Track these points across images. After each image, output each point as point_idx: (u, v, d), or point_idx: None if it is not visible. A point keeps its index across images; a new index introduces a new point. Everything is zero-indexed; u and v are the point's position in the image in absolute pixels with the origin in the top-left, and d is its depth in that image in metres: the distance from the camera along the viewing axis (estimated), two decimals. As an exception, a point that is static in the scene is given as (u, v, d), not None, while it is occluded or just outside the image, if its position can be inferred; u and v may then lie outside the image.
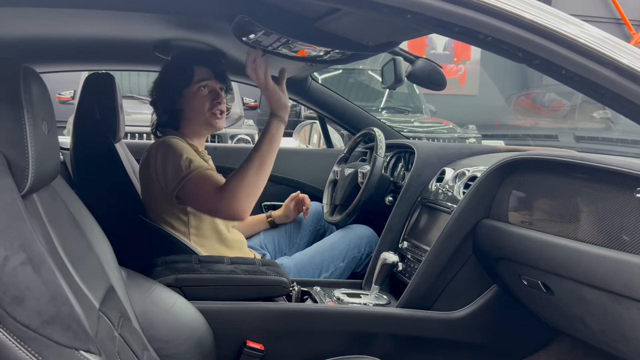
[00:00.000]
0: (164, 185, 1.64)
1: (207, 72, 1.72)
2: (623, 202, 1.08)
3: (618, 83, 0.81)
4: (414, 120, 7.01)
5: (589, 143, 6.78)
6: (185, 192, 1.60)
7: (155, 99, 1.78)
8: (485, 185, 1.45)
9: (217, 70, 1.73)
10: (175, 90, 1.72)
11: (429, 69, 1.70)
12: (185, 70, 1.71)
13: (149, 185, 1.71)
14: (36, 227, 0.82)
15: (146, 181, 1.72)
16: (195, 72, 1.71)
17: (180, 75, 1.71)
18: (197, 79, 1.71)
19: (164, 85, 1.75)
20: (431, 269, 1.55)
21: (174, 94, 1.72)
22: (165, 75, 1.75)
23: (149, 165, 1.67)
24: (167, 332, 1.22)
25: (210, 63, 1.74)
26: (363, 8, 0.80)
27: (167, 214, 1.70)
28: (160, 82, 1.76)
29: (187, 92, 1.71)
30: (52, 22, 1.40)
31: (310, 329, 1.53)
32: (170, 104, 1.74)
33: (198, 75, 1.71)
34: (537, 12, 0.81)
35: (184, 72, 1.71)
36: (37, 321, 0.75)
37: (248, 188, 1.53)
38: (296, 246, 2.14)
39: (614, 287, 1.07)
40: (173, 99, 1.73)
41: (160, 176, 1.64)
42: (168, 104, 1.74)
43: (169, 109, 1.75)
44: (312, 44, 1.30)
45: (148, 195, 1.74)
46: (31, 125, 0.83)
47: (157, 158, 1.65)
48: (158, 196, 1.69)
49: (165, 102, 1.75)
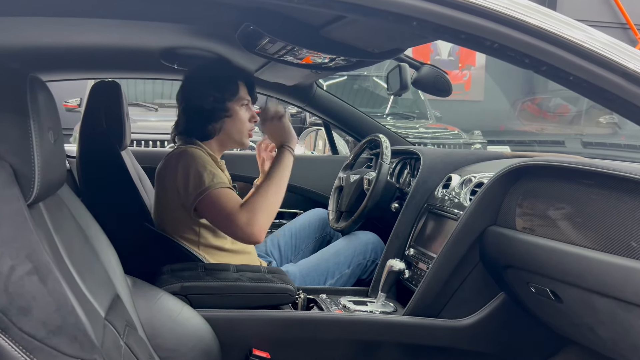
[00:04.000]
0: (183, 195, 1.62)
1: (247, 91, 1.76)
2: (633, 208, 1.06)
3: (626, 89, 0.80)
4: (419, 126, 6.99)
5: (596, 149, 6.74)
6: (204, 205, 1.59)
7: (189, 106, 1.73)
8: (492, 191, 1.44)
9: (253, 91, 1.79)
10: (219, 101, 1.69)
11: (435, 75, 1.70)
12: (231, 83, 1.72)
13: (165, 193, 1.69)
14: (42, 237, 0.82)
15: (162, 189, 1.70)
16: (240, 87, 1.73)
17: (226, 88, 1.70)
18: (241, 95, 1.73)
19: (206, 94, 1.69)
20: (438, 277, 1.54)
21: (216, 104, 1.69)
22: (208, 85, 1.70)
23: (168, 173, 1.66)
24: (173, 341, 1.21)
25: (251, 83, 1.78)
26: (369, 15, 0.80)
27: (179, 223, 1.69)
28: (200, 90, 1.70)
29: (231, 105, 1.71)
30: (58, 31, 1.41)
31: (317, 337, 1.52)
32: (208, 115, 1.70)
33: (242, 91, 1.74)
34: (542, 17, 0.81)
35: (230, 85, 1.71)
36: (43, 331, 0.75)
37: (266, 213, 1.56)
38: (302, 253, 2.14)
39: (624, 295, 1.05)
40: (214, 110, 1.70)
41: (180, 185, 1.62)
42: (206, 114, 1.70)
43: (205, 119, 1.70)
44: (318, 51, 1.30)
45: (162, 203, 1.72)
46: (37, 134, 0.83)
47: (177, 167, 1.63)
48: (173, 205, 1.67)
49: (202, 112, 1.70)
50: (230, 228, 1.58)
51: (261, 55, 1.42)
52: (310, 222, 2.17)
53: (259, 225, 1.54)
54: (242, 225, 1.54)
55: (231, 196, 1.60)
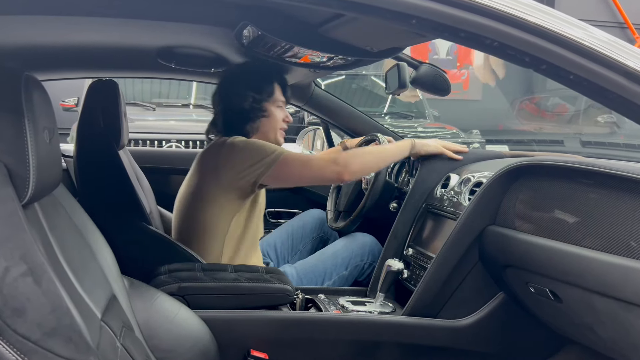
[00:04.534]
0: (245, 172, 1.64)
1: (281, 92, 1.83)
2: (632, 208, 1.06)
3: (627, 88, 0.80)
4: (417, 125, 6.99)
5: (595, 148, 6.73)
6: (282, 166, 1.63)
7: (228, 107, 1.79)
8: (491, 191, 1.43)
9: (287, 92, 1.86)
10: (257, 101, 1.77)
11: (433, 74, 1.69)
12: (268, 84, 1.79)
13: (209, 180, 1.70)
14: (37, 237, 0.81)
15: (206, 177, 1.72)
16: (275, 89, 1.81)
17: (264, 89, 1.78)
18: (276, 95, 1.81)
19: (245, 95, 1.76)
20: (437, 277, 1.53)
21: (254, 105, 1.77)
22: (247, 86, 1.77)
23: (219, 159, 1.68)
24: (170, 342, 1.20)
25: (285, 85, 1.84)
26: (367, 14, 0.79)
27: (221, 209, 1.70)
28: (239, 91, 1.77)
29: (267, 106, 1.79)
30: (54, 29, 1.40)
31: (315, 337, 1.51)
32: (247, 114, 1.77)
33: (277, 92, 1.82)
34: (543, 15, 0.80)
35: (267, 86, 1.78)
36: (38, 333, 0.74)
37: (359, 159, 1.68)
38: (299, 253, 2.13)
39: (624, 295, 1.05)
40: (252, 110, 1.77)
41: (237, 167, 1.64)
42: (244, 114, 1.77)
43: (243, 118, 1.77)
44: (316, 50, 1.29)
45: (201, 192, 1.72)
46: (32, 134, 0.82)
47: (233, 150, 1.66)
48: (219, 189, 1.68)
49: (241, 112, 1.77)
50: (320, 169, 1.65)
51: (259, 54, 1.41)
52: (308, 222, 2.16)
53: (351, 166, 1.64)
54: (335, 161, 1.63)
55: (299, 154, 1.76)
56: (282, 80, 1.84)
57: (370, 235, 2.01)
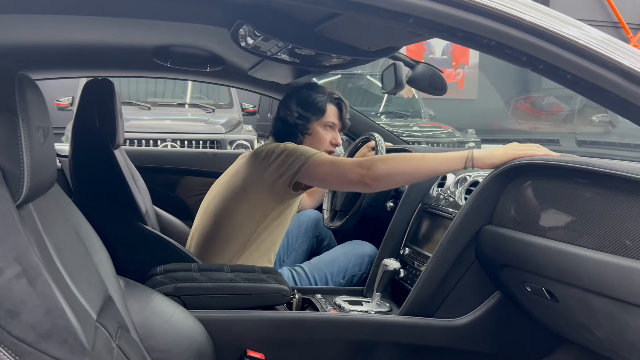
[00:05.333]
0: (281, 172, 1.66)
1: (336, 115, 1.89)
2: (628, 207, 1.06)
3: (623, 87, 0.80)
4: (413, 124, 7.00)
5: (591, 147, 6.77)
6: (315, 167, 1.63)
7: (278, 116, 1.88)
8: (487, 190, 1.43)
9: (344, 116, 1.91)
10: (302, 119, 1.84)
11: (430, 73, 1.69)
12: (319, 104, 1.86)
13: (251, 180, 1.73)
14: (31, 238, 0.80)
15: (248, 176, 1.75)
16: (328, 110, 1.86)
17: (313, 108, 1.85)
18: (328, 117, 1.87)
19: (292, 110, 1.84)
20: (433, 276, 1.53)
21: (299, 121, 1.84)
22: (298, 100, 1.85)
23: (262, 158, 1.72)
24: (166, 343, 1.20)
25: (342, 108, 1.90)
26: (364, 13, 0.79)
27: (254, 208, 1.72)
28: (289, 105, 1.86)
29: (314, 125, 1.85)
30: (48, 28, 1.39)
31: (312, 337, 1.51)
32: (292, 128, 1.84)
33: (330, 114, 1.87)
34: (540, 15, 0.80)
35: (317, 105, 1.85)
36: (33, 335, 0.73)
37: (386, 165, 1.53)
38: (294, 253, 2.12)
39: (620, 295, 1.05)
40: (296, 126, 1.84)
41: (278, 166, 1.67)
42: (289, 128, 1.85)
43: (288, 131, 1.85)
44: (312, 49, 1.29)
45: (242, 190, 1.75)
46: (26, 133, 0.81)
47: (276, 152, 1.70)
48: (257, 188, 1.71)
49: (287, 124, 1.85)
50: (344, 171, 1.57)
51: (255, 54, 1.41)
52: (303, 222, 2.16)
53: (377, 170, 1.51)
54: (360, 164, 1.54)
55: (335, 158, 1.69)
56: (339, 103, 1.89)
57: (370, 245, 2.00)
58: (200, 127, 4.84)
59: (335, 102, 1.89)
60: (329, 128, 1.88)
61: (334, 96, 1.89)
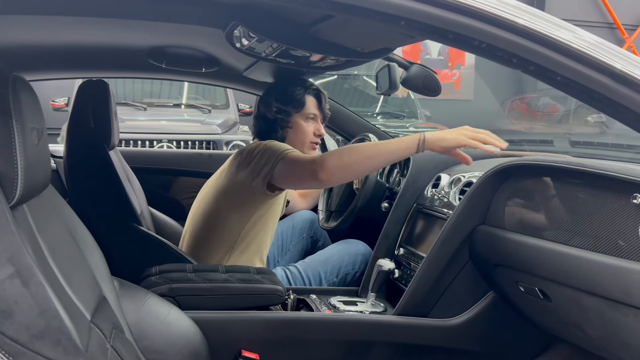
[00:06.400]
0: (260, 169, 1.63)
1: (316, 106, 1.86)
2: (620, 207, 1.07)
3: (613, 89, 0.80)
4: (409, 125, 7.01)
5: (584, 148, 6.79)
6: (281, 168, 1.59)
7: (258, 114, 1.86)
8: (481, 191, 1.44)
9: (323, 107, 1.88)
10: (282, 112, 1.81)
11: (424, 74, 1.69)
12: (298, 96, 1.82)
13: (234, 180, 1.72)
14: (25, 239, 0.81)
15: (231, 176, 1.73)
16: (307, 101, 1.83)
17: (292, 101, 1.82)
18: (308, 109, 1.83)
19: (271, 105, 1.82)
20: (427, 276, 1.54)
21: (278, 115, 1.81)
22: (275, 96, 1.83)
23: (244, 157, 1.70)
24: (161, 343, 1.20)
25: (320, 99, 1.87)
26: (357, 15, 0.80)
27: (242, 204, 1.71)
28: (267, 100, 1.83)
29: (295, 118, 1.83)
30: (43, 29, 1.39)
31: (306, 337, 1.51)
32: (272, 124, 1.82)
33: (310, 105, 1.84)
34: (530, 18, 0.81)
35: (296, 98, 1.82)
36: (26, 336, 0.73)
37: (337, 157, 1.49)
38: (289, 253, 2.13)
39: (612, 294, 1.06)
40: (277, 121, 1.82)
41: (254, 165, 1.64)
42: (270, 123, 1.82)
43: (269, 127, 1.82)
44: (307, 50, 1.29)
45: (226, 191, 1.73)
46: (20, 134, 0.81)
47: (254, 152, 1.67)
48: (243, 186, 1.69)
49: (267, 121, 1.83)
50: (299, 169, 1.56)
51: (249, 55, 1.41)
52: (298, 223, 2.16)
53: (328, 164, 1.47)
54: (313, 161, 1.50)
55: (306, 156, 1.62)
56: (317, 94, 1.86)
57: (363, 244, 2.01)
58: (196, 128, 4.84)
59: (313, 92, 1.85)
60: (310, 120, 1.85)
61: (312, 87, 1.86)
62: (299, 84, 1.84)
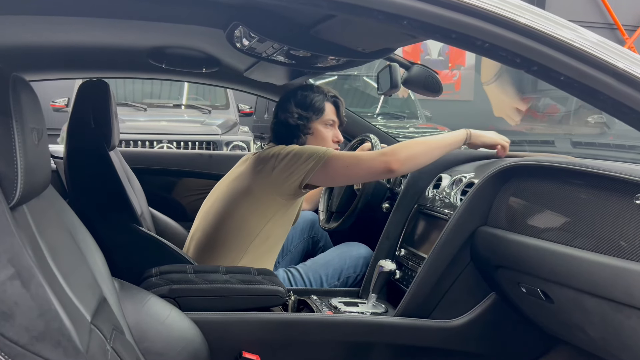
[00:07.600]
0: (287, 173, 1.68)
1: (335, 113, 1.91)
2: (622, 208, 1.07)
3: (617, 89, 0.80)
4: (409, 126, 7.01)
5: (586, 148, 6.79)
6: (328, 167, 1.66)
7: (277, 120, 1.89)
8: (482, 192, 1.44)
9: (341, 113, 1.94)
10: (302, 119, 1.86)
11: (425, 75, 1.69)
12: (317, 103, 1.88)
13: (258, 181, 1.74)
14: (25, 240, 0.80)
15: (255, 177, 1.75)
16: (326, 108, 1.89)
17: (312, 107, 1.87)
18: (327, 115, 1.89)
19: (291, 111, 1.85)
20: (428, 277, 1.53)
21: (299, 122, 1.85)
22: (296, 102, 1.86)
23: (268, 161, 1.73)
24: (161, 345, 1.19)
25: (338, 106, 1.92)
26: (359, 14, 0.79)
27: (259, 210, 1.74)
28: (287, 107, 1.87)
29: (314, 125, 1.87)
30: (43, 29, 1.39)
31: (307, 338, 1.51)
32: (293, 130, 1.85)
33: (329, 112, 1.89)
34: (534, 17, 0.80)
35: (315, 104, 1.87)
36: (26, 337, 0.73)
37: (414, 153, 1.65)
38: (290, 254, 2.12)
39: (614, 295, 1.06)
40: (297, 127, 1.85)
41: (288, 166, 1.68)
42: (290, 129, 1.86)
43: (289, 134, 1.86)
44: (307, 50, 1.29)
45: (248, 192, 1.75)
46: (20, 135, 0.81)
47: (282, 154, 1.71)
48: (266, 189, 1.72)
49: (287, 127, 1.86)
50: (368, 162, 1.64)
51: (250, 55, 1.41)
52: (299, 223, 2.16)
53: (399, 155, 1.61)
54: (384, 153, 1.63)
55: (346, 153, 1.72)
56: (335, 101, 1.91)
57: (365, 247, 2.00)
58: (197, 129, 4.84)
59: (332, 100, 1.92)
60: (329, 126, 1.90)
61: (330, 94, 1.93)
62: (317, 91, 1.90)
